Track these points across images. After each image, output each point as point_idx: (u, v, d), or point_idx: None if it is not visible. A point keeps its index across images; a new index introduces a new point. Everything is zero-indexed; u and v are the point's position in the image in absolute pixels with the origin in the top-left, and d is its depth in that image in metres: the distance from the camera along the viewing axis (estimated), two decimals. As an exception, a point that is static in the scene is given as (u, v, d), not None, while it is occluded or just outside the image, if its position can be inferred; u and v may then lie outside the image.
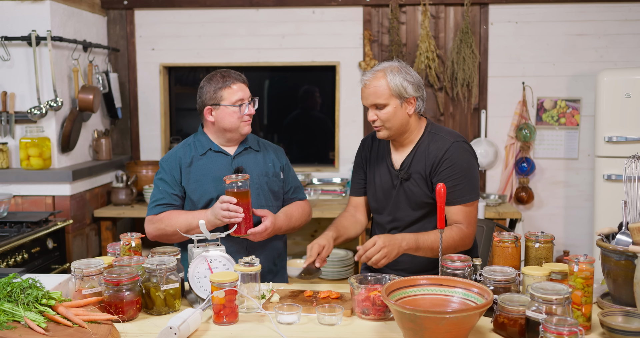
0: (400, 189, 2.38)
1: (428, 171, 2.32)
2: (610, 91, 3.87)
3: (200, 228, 2.14)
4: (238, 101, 2.44)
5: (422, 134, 2.38)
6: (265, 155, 2.56)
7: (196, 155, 2.49)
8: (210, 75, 2.48)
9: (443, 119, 4.45)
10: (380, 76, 2.28)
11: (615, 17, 4.30)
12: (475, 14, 4.37)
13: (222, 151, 2.50)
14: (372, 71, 2.32)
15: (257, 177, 2.49)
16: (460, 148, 2.32)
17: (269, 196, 2.50)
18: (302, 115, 4.77)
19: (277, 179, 2.55)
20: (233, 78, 2.45)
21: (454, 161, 2.29)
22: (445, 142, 2.32)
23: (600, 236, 1.98)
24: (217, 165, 2.47)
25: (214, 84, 2.44)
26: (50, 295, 1.81)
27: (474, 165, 2.35)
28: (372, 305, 1.92)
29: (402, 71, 2.28)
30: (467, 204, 2.30)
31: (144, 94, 4.60)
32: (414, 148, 2.36)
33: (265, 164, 2.53)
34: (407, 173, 2.36)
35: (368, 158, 2.51)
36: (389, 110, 2.27)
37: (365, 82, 2.30)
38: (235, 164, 2.47)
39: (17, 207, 3.68)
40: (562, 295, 1.67)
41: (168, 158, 2.52)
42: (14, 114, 3.72)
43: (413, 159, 2.35)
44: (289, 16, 4.46)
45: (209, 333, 1.83)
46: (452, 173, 2.28)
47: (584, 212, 4.45)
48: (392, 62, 2.34)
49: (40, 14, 3.68)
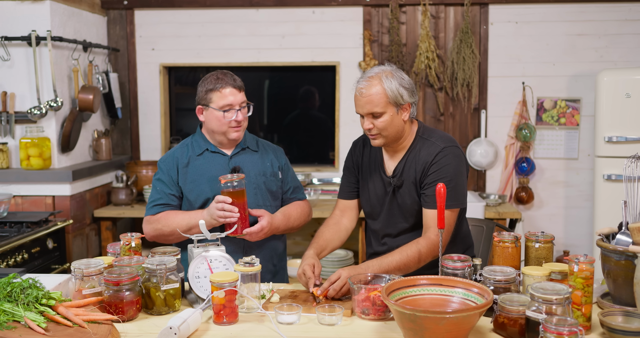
0: (393, 197, 2.34)
1: (418, 177, 2.28)
2: (610, 91, 3.87)
3: (200, 228, 2.14)
4: (226, 106, 2.38)
5: (414, 139, 2.32)
6: (263, 155, 2.55)
7: (193, 155, 2.49)
8: (208, 74, 2.46)
9: (443, 119, 4.46)
10: (376, 82, 2.19)
11: (615, 17, 4.30)
12: (475, 14, 4.37)
13: (219, 152, 2.49)
14: (365, 77, 2.23)
15: (255, 177, 2.48)
16: (450, 154, 2.26)
17: (266, 195, 2.50)
18: (302, 115, 4.77)
19: (276, 179, 2.54)
20: (225, 82, 2.39)
21: (441, 165, 2.24)
22: (436, 147, 2.27)
23: (600, 236, 1.98)
24: (214, 165, 2.47)
25: (206, 84, 2.42)
26: (50, 295, 1.81)
27: (461, 172, 2.29)
28: (372, 305, 1.91)
29: (396, 76, 2.21)
30: (448, 210, 2.21)
31: (144, 94, 4.60)
32: (406, 154, 2.32)
33: (263, 164, 2.52)
34: (399, 179, 2.31)
35: (360, 163, 2.47)
36: (386, 118, 2.20)
37: (361, 90, 2.21)
38: (232, 164, 2.46)
39: (17, 207, 3.69)
40: (562, 295, 1.67)
41: (165, 159, 2.52)
42: (14, 114, 3.72)
43: (405, 166, 2.31)
44: (289, 16, 4.46)
45: (209, 333, 1.83)
46: (438, 178, 2.22)
47: (584, 212, 4.45)
48: (383, 66, 2.26)
49: (40, 14, 3.68)
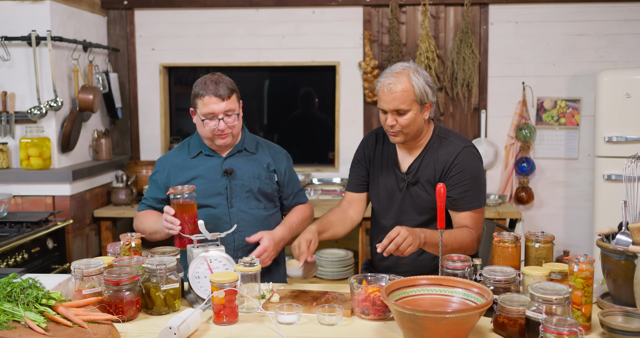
0: (406, 193, 2.34)
1: (437, 177, 2.29)
2: (610, 91, 3.87)
3: (200, 228, 2.14)
4: (208, 115, 2.34)
5: (431, 137, 2.33)
6: (260, 157, 2.52)
7: (188, 157, 2.49)
8: (202, 77, 2.40)
9: (443, 119, 4.45)
10: (404, 79, 2.18)
11: (615, 17, 4.30)
12: (475, 14, 4.37)
13: (213, 154, 2.48)
14: (392, 72, 2.21)
15: (248, 179, 2.46)
16: (470, 154, 2.29)
17: (260, 198, 2.48)
18: (302, 115, 4.77)
19: (271, 181, 2.50)
20: (209, 90, 2.32)
21: (464, 166, 2.26)
22: (456, 147, 2.28)
23: (600, 236, 1.98)
24: (207, 167, 2.46)
25: (195, 88, 2.38)
26: (50, 295, 1.81)
27: (482, 171, 2.32)
28: (372, 305, 1.91)
29: (422, 73, 2.21)
30: (475, 210, 2.28)
31: (144, 94, 4.60)
32: (422, 152, 2.32)
33: (259, 167, 2.49)
34: (414, 177, 2.32)
35: (372, 157, 2.46)
36: (410, 116, 2.20)
37: (390, 86, 2.18)
38: (225, 167, 2.45)
39: (17, 207, 3.68)
40: (562, 295, 1.67)
41: (162, 160, 2.55)
42: (14, 114, 3.72)
43: (421, 164, 2.31)
44: (289, 16, 4.46)
45: (209, 333, 1.83)
46: (462, 179, 2.25)
47: (584, 212, 4.44)
48: (406, 63, 2.25)
49: (40, 14, 3.68)
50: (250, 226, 2.44)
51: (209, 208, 2.43)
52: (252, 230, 2.42)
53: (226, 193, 2.44)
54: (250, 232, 2.41)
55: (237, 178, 2.45)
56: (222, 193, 2.44)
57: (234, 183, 2.44)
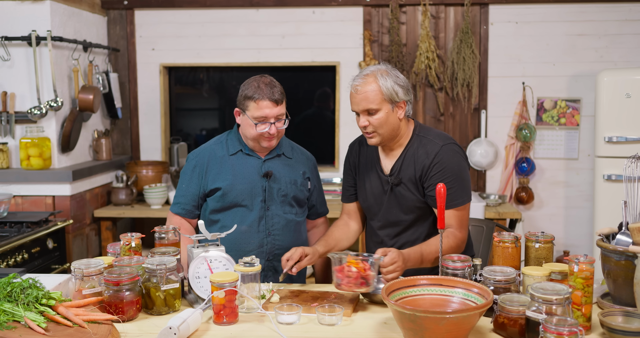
0: (391, 194, 2.34)
1: (418, 176, 2.28)
2: (610, 91, 3.87)
3: (200, 228, 2.14)
4: (260, 118, 2.35)
5: (411, 137, 2.33)
6: (296, 163, 2.53)
7: (227, 154, 2.48)
8: (252, 78, 2.40)
9: (443, 119, 4.46)
10: (371, 80, 2.22)
11: (615, 17, 4.30)
12: (475, 14, 4.37)
13: (253, 154, 2.47)
14: (360, 75, 2.26)
15: (285, 184, 2.47)
16: (450, 151, 2.27)
17: (293, 203, 2.49)
18: (302, 115, 4.77)
19: (304, 188, 2.53)
20: (265, 94, 2.33)
21: (444, 164, 2.24)
22: (434, 145, 2.27)
23: (600, 237, 1.98)
24: (247, 167, 2.45)
25: (246, 89, 2.38)
26: (50, 295, 1.81)
27: (464, 167, 2.30)
28: (346, 276, 1.98)
29: (391, 74, 2.23)
30: (459, 208, 2.26)
31: (144, 94, 4.60)
32: (403, 152, 2.32)
33: (296, 173, 2.51)
34: (397, 178, 2.32)
35: (357, 164, 2.48)
36: (381, 115, 2.22)
37: (357, 87, 2.24)
38: (265, 169, 2.45)
39: (17, 207, 3.69)
40: (562, 295, 1.67)
41: (199, 153, 2.51)
42: (14, 114, 3.72)
43: (402, 164, 2.31)
44: (289, 16, 4.46)
45: (209, 333, 1.83)
46: (443, 177, 2.23)
47: (584, 212, 4.45)
48: (378, 65, 2.28)
49: (40, 14, 3.68)
50: (283, 230, 2.45)
51: (244, 208, 2.43)
52: (283, 235, 2.44)
53: (264, 195, 2.43)
54: (282, 237, 2.43)
55: (275, 181, 2.45)
56: (259, 194, 2.43)
57: (271, 186, 2.44)
